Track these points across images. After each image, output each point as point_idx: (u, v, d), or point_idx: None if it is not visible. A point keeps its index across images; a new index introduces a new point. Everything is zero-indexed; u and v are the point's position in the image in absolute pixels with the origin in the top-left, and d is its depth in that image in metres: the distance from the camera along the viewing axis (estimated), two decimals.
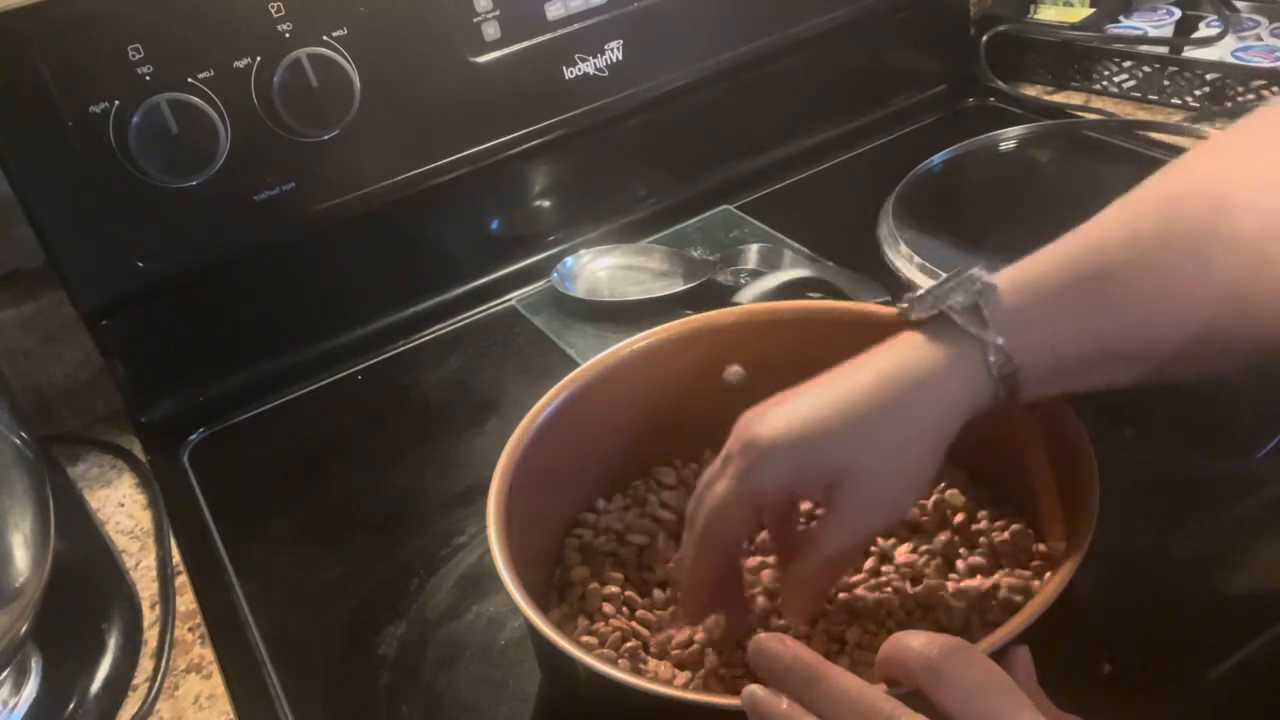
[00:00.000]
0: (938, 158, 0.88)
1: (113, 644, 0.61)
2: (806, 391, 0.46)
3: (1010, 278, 0.45)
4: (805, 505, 0.54)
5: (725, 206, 0.93)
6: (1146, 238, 0.45)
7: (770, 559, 0.53)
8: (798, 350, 0.59)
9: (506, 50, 0.80)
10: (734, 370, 0.60)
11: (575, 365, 0.59)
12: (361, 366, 0.82)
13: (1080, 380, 0.46)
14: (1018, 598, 0.49)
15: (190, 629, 0.62)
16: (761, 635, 0.41)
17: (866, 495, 0.44)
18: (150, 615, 0.63)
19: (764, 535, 0.54)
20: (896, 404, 0.44)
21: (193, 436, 0.78)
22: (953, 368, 0.44)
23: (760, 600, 0.51)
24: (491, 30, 0.79)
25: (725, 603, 0.49)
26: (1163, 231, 0.45)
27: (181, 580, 0.66)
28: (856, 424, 0.44)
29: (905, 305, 0.46)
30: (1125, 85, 0.99)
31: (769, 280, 0.77)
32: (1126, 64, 0.99)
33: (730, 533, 0.46)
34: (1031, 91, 1.04)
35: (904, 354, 0.45)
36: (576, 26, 0.82)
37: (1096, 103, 1.00)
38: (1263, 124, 0.50)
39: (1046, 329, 0.44)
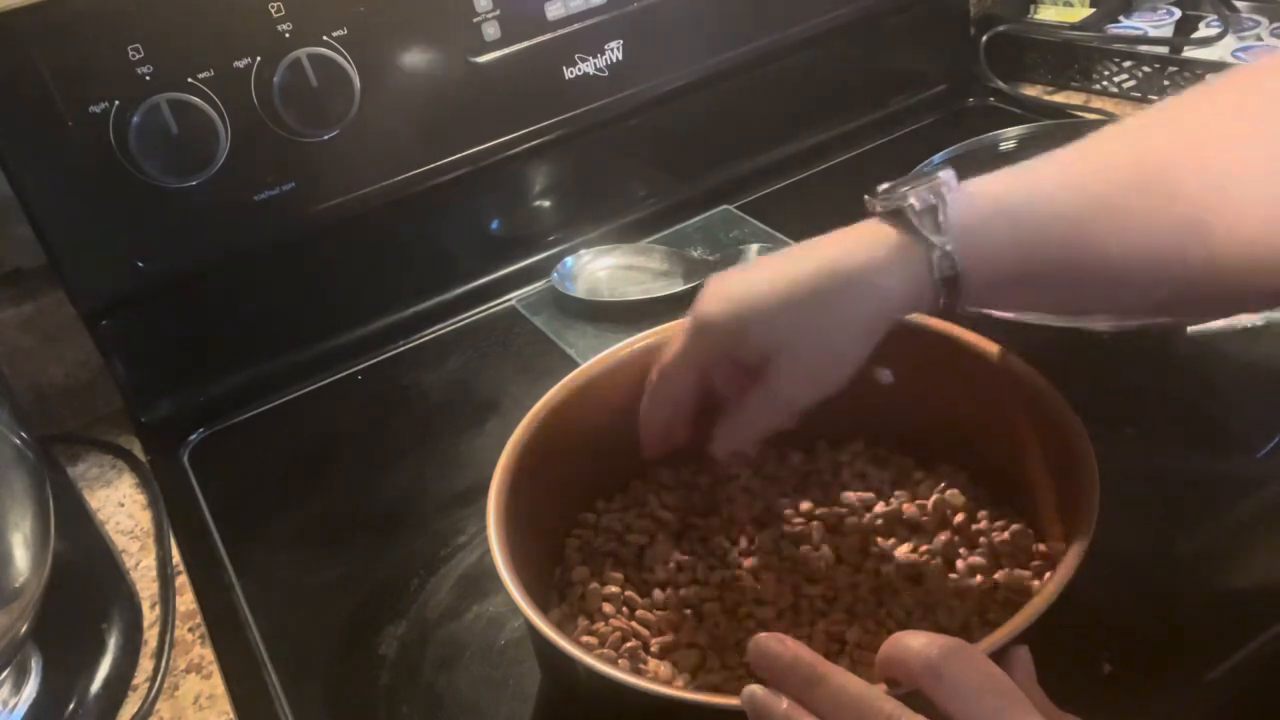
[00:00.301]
0: (938, 158, 0.88)
1: (113, 644, 0.61)
2: (758, 269, 0.50)
3: (975, 187, 0.46)
4: None
5: (725, 206, 0.93)
6: (1118, 171, 0.45)
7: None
8: None
9: (506, 50, 0.80)
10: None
11: (575, 365, 0.59)
12: (361, 366, 0.82)
13: (1023, 300, 0.49)
14: (1018, 598, 0.49)
15: (190, 629, 0.62)
16: (761, 635, 0.41)
17: (791, 372, 0.48)
18: (150, 615, 0.63)
19: (748, 563, 0.54)
20: (831, 294, 0.46)
21: (193, 436, 0.78)
22: (895, 264, 0.45)
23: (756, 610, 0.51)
24: (491, 30, 0.79)
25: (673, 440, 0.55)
26: (1134, 166, 0.45)
27: (181, 580, 0.66)
28: (789, 309, 0.47)
29: (870, 197, 0.48)
30: (1125, 85, 0.99)
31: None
32: (1126, 64, 0.99)
33: (673, 387, 0.52)
34: (1031, 91, 1.04)
35: (851, 245, 0.47)
36: (576, 26, 0.82)
37: (1096, 103, 1.00)
38: (1243, 80, 0.50)
39: (993, 241, 0.45)
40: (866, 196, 0.48)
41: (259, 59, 0.72)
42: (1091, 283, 0.46)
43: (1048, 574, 0.48)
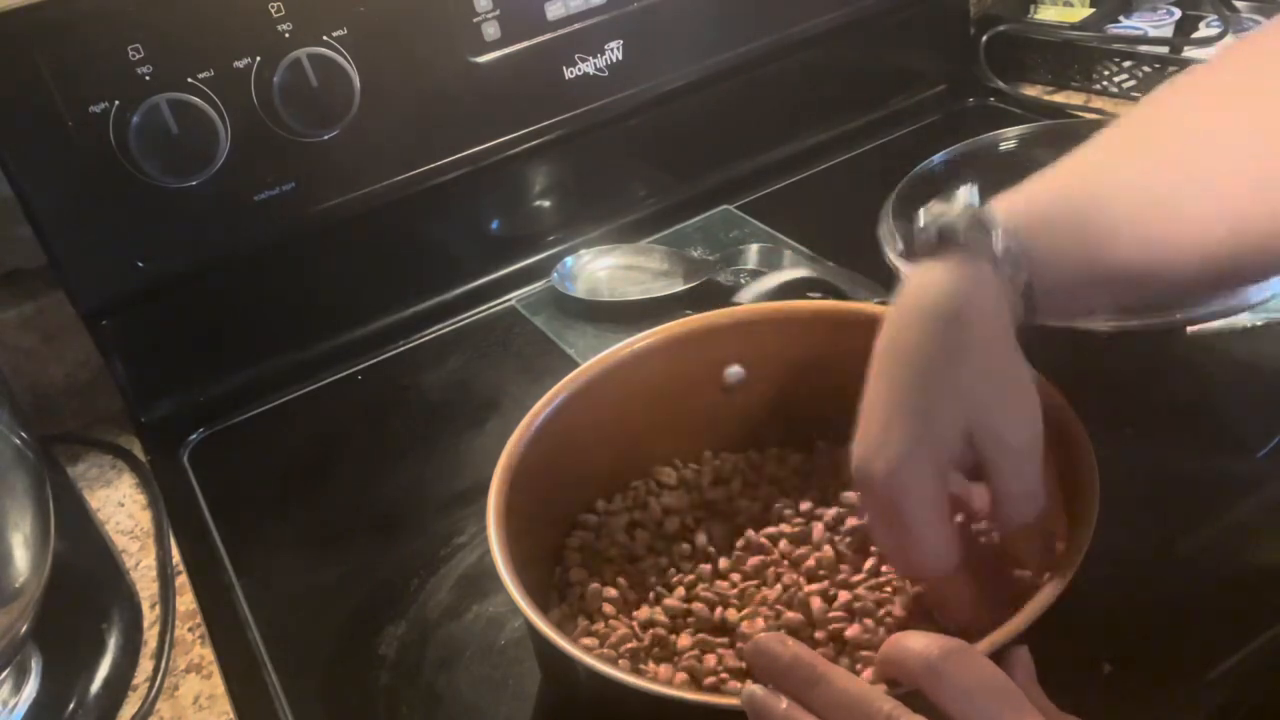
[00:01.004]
0: (938, 158, 0.88)
1: (113, 644, 0.61)
2: (877, 394, 0.44)
3: (1003, 201, 0.45)
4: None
5: (725, 206, 0.93)
6: (1146, 158, 0.45)
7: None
8: (798, 350, 0.59)
9: (506, 50, 0.80)
10: (734, 370, 0.60)
11: (575, 365, 0.59)
12: (361, 366, 0.82)
13: (1080, 300, 0.47)
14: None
15: (190, 629, 0.62)
16: (761, 635, 0.41)
17: (1007, 426, 0.43)
18: (150, 615, 0.63)
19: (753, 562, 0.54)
20: (956, 345, 0.43)
21: (193, 436, 0.78)
22: (975, 284, 0.43)
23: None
24: (491, 30, 0.79)
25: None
26: (1160, 151, 0.45)
27: (181, 580, 0.66)
28: (943, 388, 0.43)
29: (908, 244, 0.47)
30: (1125, 85, 0.99)
31: (769, 280, 0.77)
32: (1126, 64, 0.99)
33: (945, 555, 0.44)
34: (1031, 91, 1.04)
35: (931, 295, 0.44)
36: (576, 26, 0.82)
37: (1096, 103, 1.00)
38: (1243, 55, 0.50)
39: (1043, 244, 0.44)
40: (891, 252, 0.47)
41: (259, 59, 0.72)
42: (1148, 282, 0.45)
43: (1048, 574, 0.48)
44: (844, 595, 0.51)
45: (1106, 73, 1.00)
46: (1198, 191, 0.45)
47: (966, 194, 0.46)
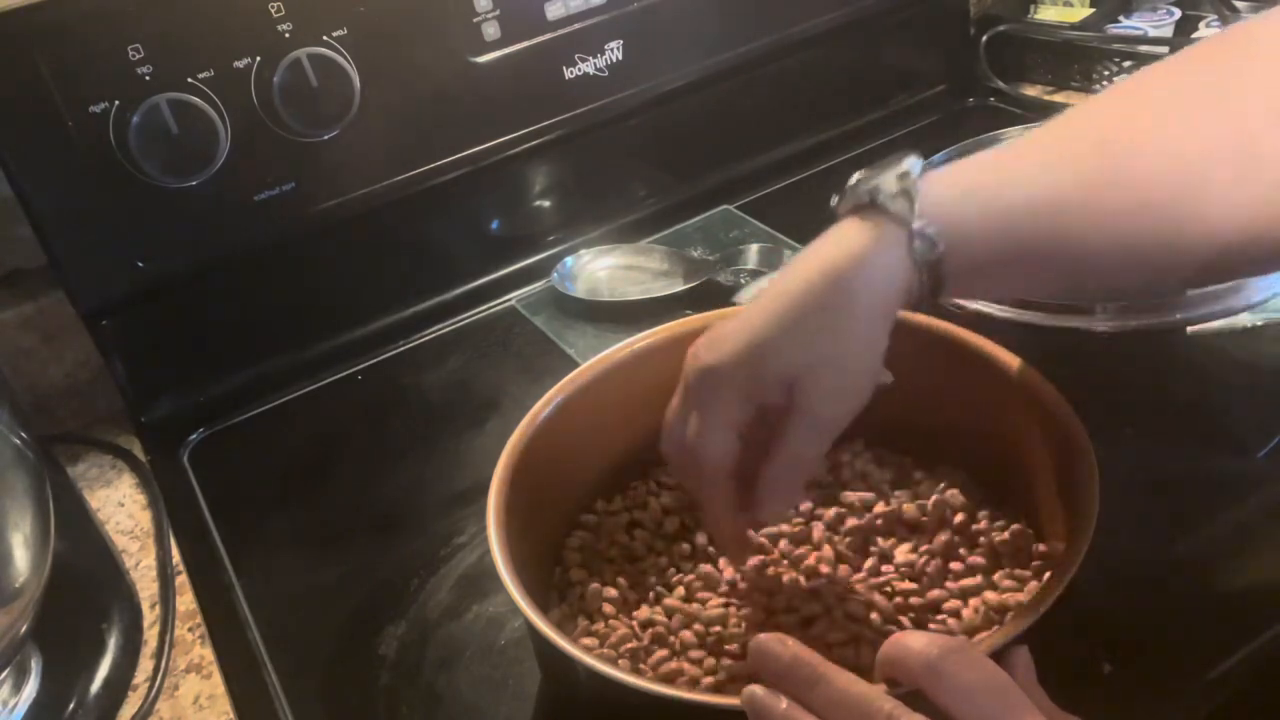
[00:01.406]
0: (938, 158, 0.88)
1: (113, 644, 0.61)
2: (747, 310, 0.47)
3: (944, 173, 0.45)
4: None
5: (725, 206, 0.93)
6: (1084, 160, 0.44)
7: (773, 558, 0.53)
8: None
9: (506, 50, 0.80)
10: None
11: (575, 365, 0.59)
12: (361, 366, 0.82)
13: (1010, 285, 0.47)
14: (1017, 597, 0.49)
15: (190, 629, 0.62)
16: (761, 635, 0.41)
17: (822, 392, 0.45)
18: (150, 615, 0.63)
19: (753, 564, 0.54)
20: (831, 303, 0.44)
21: (193, 436, 0.78)
22: (879, 254, 0.44)
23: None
24: (491, 30, 0.79)
25: (752, 515, 0.50)
26: (1098, 153, 0.44)
27: (181, 580, 0.66)
28: (797, 332, 0.45)
29: (840, 194, 0.47)
30: None
31: (769, 280, 0.77)
32: (1126, 64, 0.99)
33: (720, 458, 0.47)
34: (1031, 91, 1.04)
35: (831, 248, 0.46)
36: (576, 26, 0.82)
37: None
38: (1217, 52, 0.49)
39: (969, 223, 0.44)
40: (834, 197, 0.47)
41: (259, 59, 0.72)
42: (1075, 270, 0.45)
43: (1048, 574, 0.48)
44: (842, 596, 0.51)
45: (1106, 73, 1.00)
46: (1119, 169, 0.44)
47: (909, 164, 0.46)
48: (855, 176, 0.47)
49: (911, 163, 0.45)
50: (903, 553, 0.53)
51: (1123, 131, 0.45)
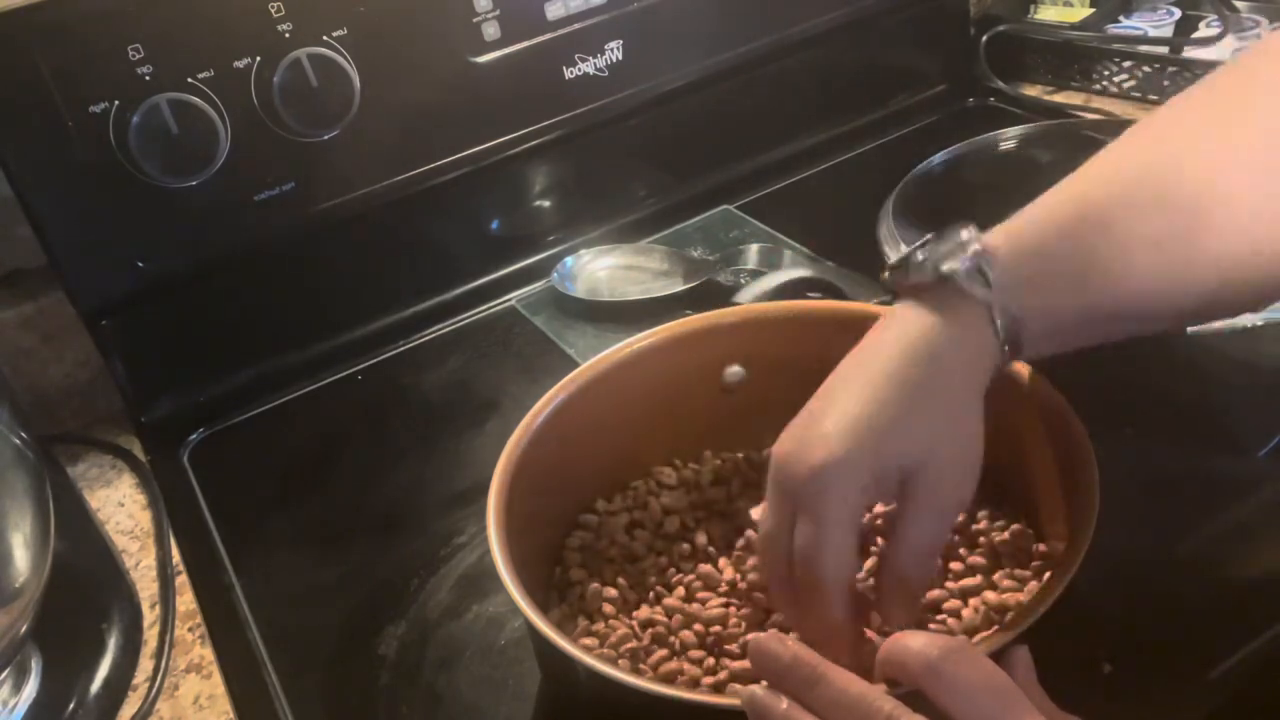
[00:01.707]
0: (938, 158, 0.88)
1: (113, 644, 0.61)
2: (835, 396, 0.44)
3: (1005, 240, 0.45)
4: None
5: (725, 206, 0.93)
6: (1140, 196, 0.45)
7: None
8: (798, 350, 0.59)
9: (506, 50, 0.80)
10: (734, 370, 0.60)
11: (575, 365, 0.59)
12: (361, 366, 0.82)
13: (1075, 339, 0.46)
14: (1017, 597, 0.49)
15: (190, 629, 0.62)
16: (761, 635, 0.41)
17: (944, 479, 0.43)
18: (150, 615, 0.63)
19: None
20: (936, 385, 0.43)
21: (193, 436, 0.78)
22: (968, 334, 0.43)
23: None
24: (491, 30, 0.79)
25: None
26: (1157, 187, 0.45)
27: (181, 580, 0.66)
28: (912, 416, 0.42)
29: (897, 269, 0.46)
30: (1125, 85, 0.99)
31: (769, 280, 0.77)
32: (1126, 64, 0.99)
33: (845, 567, 0.43)
34: (1031, 91, 1.04)
35: (915, 331, 0.44)
36: (576, 26, 0.82)
37: (1096, 103, 1.00)
38: (1242, 76, 0.49)
39: (1044, 291, 0.44)
40: (888, 269, 0.46)
41: (259, 59, 0.72)
42: (1156, 311, 0.45)
43: (1048, 574, 0.48)
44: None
45: (1106, 73, 1.00)
46: (1217, 207, 0.44)
47: (968, 236, 0.45)
48: (918, 256, 0.45)
49: (971, 235, 0.44)
50: None
51: (1182, 181, 0.45)
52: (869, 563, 0.52)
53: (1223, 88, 0.49)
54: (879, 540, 0.54)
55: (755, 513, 0.51)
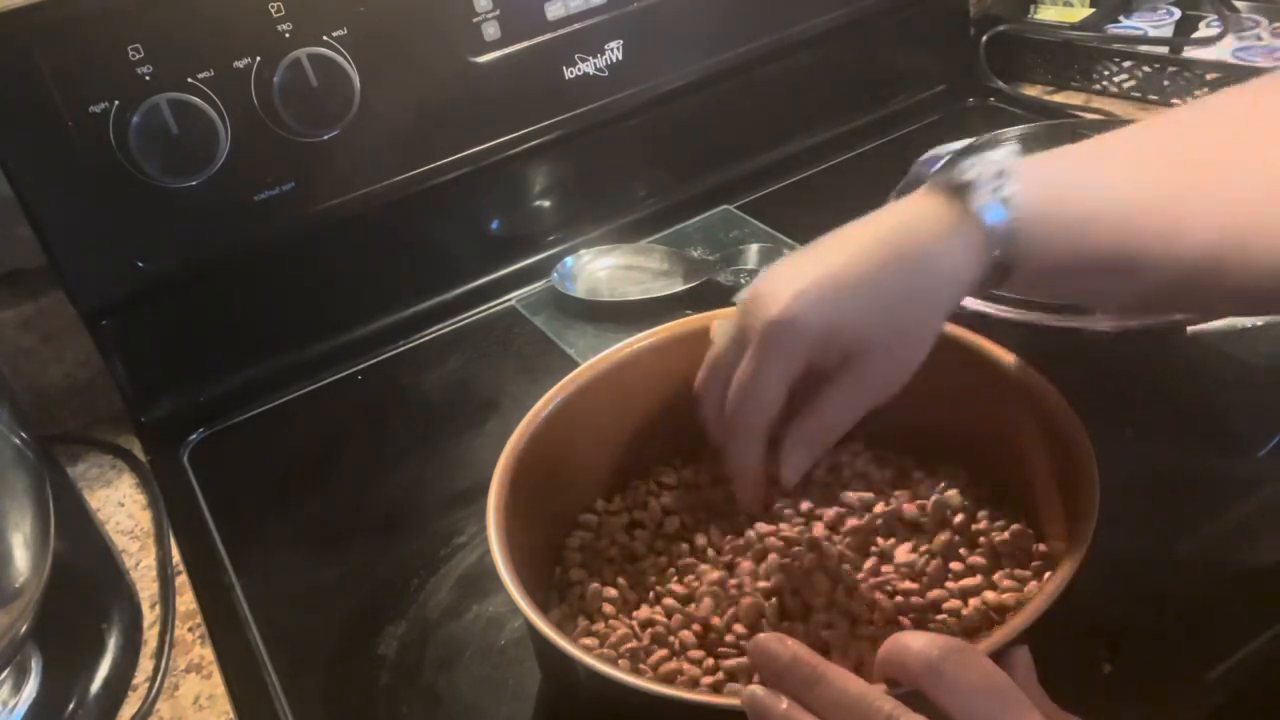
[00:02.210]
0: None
1: (113, 644, 0.61)
2: (814, 259, 0.45)
3: (1037, 169, 0.45)
4: None
5: (725, 206, 0.93)
6: (1169, 160, 0.45)
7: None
8: None
9: (506, 50, 0.80)
10: None
11: (575, 365, 0.59)
12: (361, 366, 0.82)
13: (1055, 289, 0.47)
14: (1017, 597, 0.49)
15: (190, 629, 0.62)
16: (761, 635, 0.41)
17: (879, 371, 0.45)
18: (150, 615, 0.64)
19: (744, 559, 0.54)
20: (914, 280, 0.44)
21: (193, 436, 0.78)
22: (957, 242, 0.44)
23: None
24: (491, 30, 0.80)
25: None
26: (1187, 163, 0.45)
27: (181, 580, 0.66)
28: (878, 301, 0.44)
29: (924, 163, 0.46)
30: (1125, 85, 0.99)
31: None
32: (1126, 64, 0.99)
33: (768, 410, 0.46)
34: (1031, 91, 1.04)
35: (914, 223, 0.45)
36: (576, 26, 0.82)
37: (1096, 103, 1.00)
38: None
39: (1052, 227, 0.44)
40: (919, 162, 0.47)
41: (259, 59, 0.72)
42: (1127, 278, 0.45)
43: (1048, 574, 0.48)
44: (842, 596, 0.51)
45: (1106, 73, 1.00)
46: (1202, 195, 0.44)
47: (1008, 158, 0.45)
48: (958, 165, 0.45)
49: (1012, 158, 0.44)
50: (903, 553, 0.52)
51: (1211, 151, 0.45)
52: (869, 563, 0.52)
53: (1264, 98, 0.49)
54: (879, 540, 0.54)
55: (715, 326, 0.52)
